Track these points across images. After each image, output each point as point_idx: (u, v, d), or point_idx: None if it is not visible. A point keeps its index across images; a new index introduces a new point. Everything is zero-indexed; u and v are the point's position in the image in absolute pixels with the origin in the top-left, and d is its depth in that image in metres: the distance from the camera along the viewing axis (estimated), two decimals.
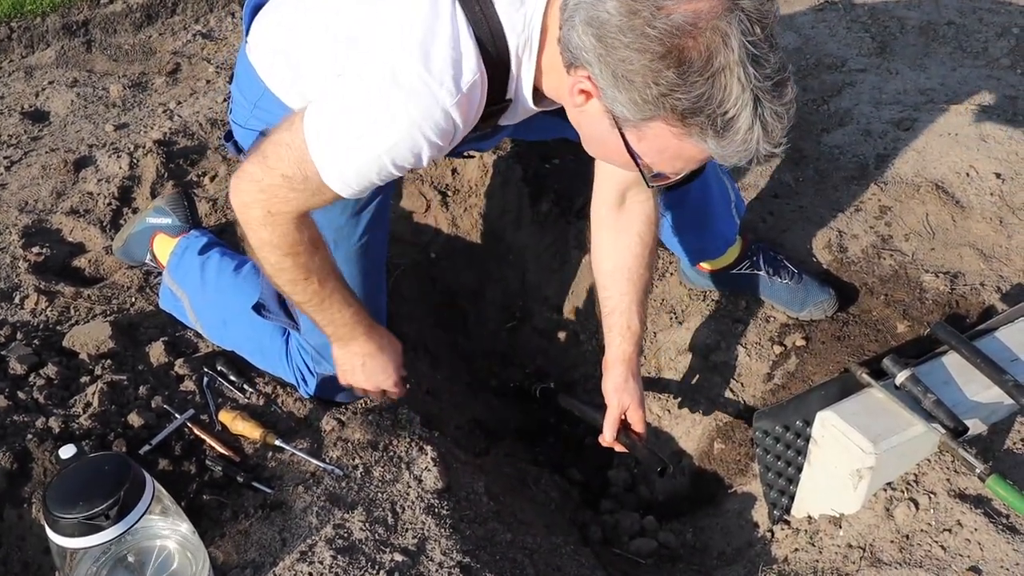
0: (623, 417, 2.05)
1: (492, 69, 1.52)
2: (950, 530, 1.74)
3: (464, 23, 1.48)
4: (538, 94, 1.62)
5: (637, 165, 1.50)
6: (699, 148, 1.40)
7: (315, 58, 1.72)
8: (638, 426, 2.05)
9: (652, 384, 2.45)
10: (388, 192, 2.01)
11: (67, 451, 1.56)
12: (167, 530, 1.61)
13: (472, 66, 1.48)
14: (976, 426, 1.85)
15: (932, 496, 1.80)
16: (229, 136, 2.00)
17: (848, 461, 1.81)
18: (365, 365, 1.94)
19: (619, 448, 2.07)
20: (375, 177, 1.58)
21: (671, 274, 2.56)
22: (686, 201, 2.16)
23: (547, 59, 1.54)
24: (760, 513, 2.11)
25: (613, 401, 2.03)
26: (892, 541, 1.77)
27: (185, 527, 1.61)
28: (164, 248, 2.35)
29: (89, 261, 2.52)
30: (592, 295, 2.61)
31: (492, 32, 1.50)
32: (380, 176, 1.58)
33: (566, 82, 1.49)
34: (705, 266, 2.44)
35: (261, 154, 1.62)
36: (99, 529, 1.45)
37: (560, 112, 1.65)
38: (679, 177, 1.55)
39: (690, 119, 1.34)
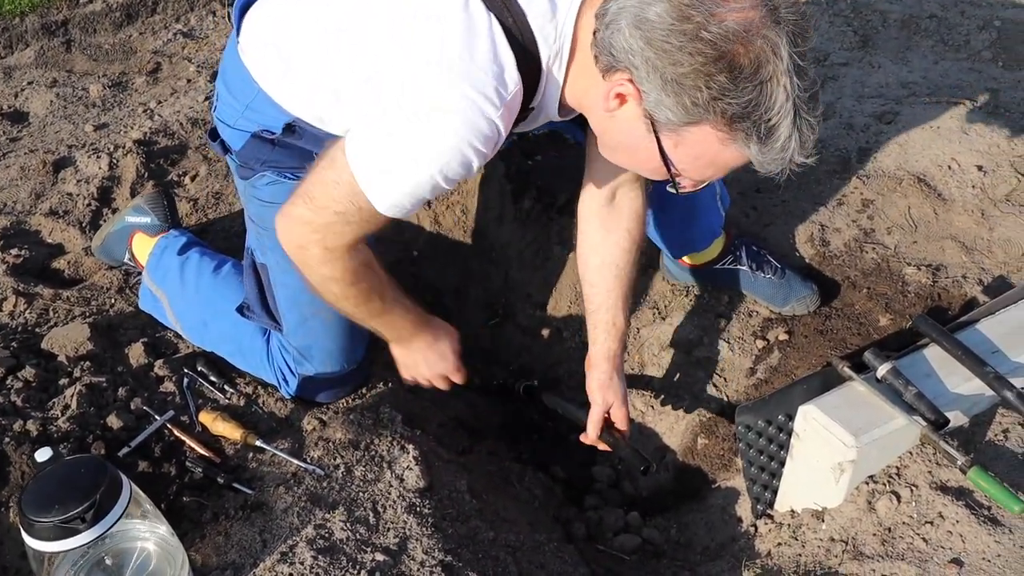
0: (607, 415, 2.04)
1: (525, 80, 1.54)
2: (932, 522, 1.74)
3: (501, 35, 1.49)
4: (561, 103, 1.64)
5: (669, 171, 1.53)
6: (738, 155, 1.44)
7: (306, 51, 1.71)
8: (622, 424, 2.05)
9: (635, 380, 2.45)
10: None
11: (43, 454, 1.54)
12: (146, 532, 1.59)
13: (513, 77, 1.51)
14: (957, 418, 1.85)
15: (914, 489, 1.80)
16: (214, 135, 1.98)
17: (830, 455, 1.81)
18: (427, 358, 2.01)
19: (602, 447, 2.07)
20: (428, 195, 1.60)
21: (654, 269, 2.55)
22: (672, 194, 2.16)
23: (575, 68, 1.57)
24: (744, 508, 2.11)
25: (597, 399, 2.02)
26: (874, 534, 1.77)
27: (164, 529, 1.60)
28: (143, 248, 2.33)
29: (68, 262, 2.50)
30: (575, 291, 2.60)
31: (525, 43, 1.52)
32: (432, 193, 1.60)
33: (600, 88, 1.51)
34: (688, 261, 2.44)
35: (306, 195, 1.65)
36: (75, 532, 1.44)
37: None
38: (703, 186, 1.60)
39: (737, 124, 1.39)
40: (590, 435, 2.05)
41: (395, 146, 1.54)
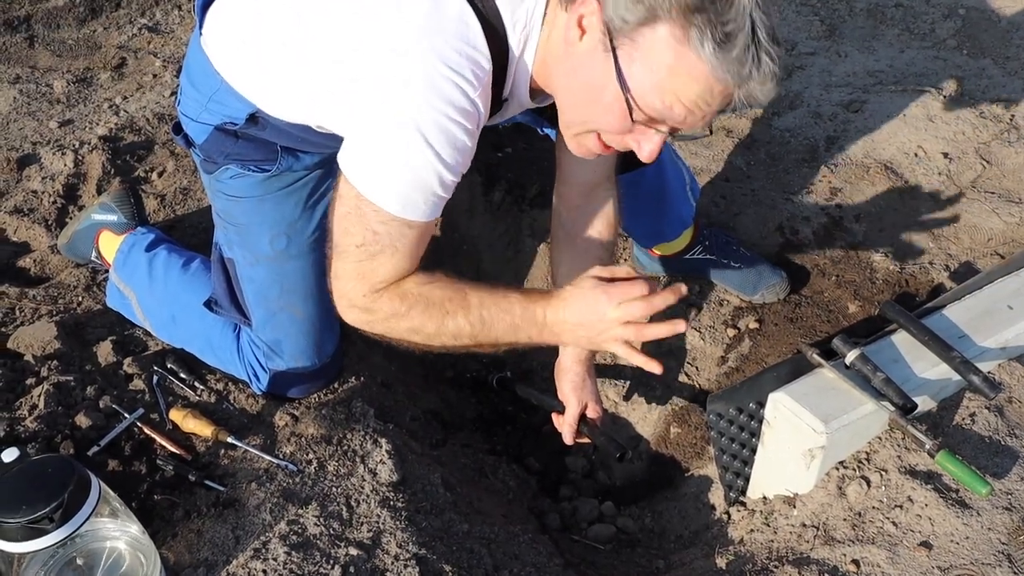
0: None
1: (495, 66, 1.52)
2: (901, 506, 1.76)
3: (474, 18, 1.48)
4: (533, 89, 1.62)
5: (624, 94, 1.44)
6: (694, 67, 1.37)
7: (273, 41, 1.69)
8: (591, 408, 2.05)
9: (608, 370, 2.46)
10: None
11: (9, 454, 1.52)
12: (116, 531, 1.58)
13: (486, 59, 1.49)
14: (925, 403, 1.88)
15: (883, 473, 1.82)
16: (178, 129, 1.96)
17: (800, 441, 1.82)
18: (591, 331, 1.62)
19: (582, 440, 2.07)
20: (438, 187, 1.53)
21: (625, 260, 2.56)
22: (642, 184, 2.17)
23: (543, 47, 1.55)
24: (716, 495, 2.13)
25: (572, 401, 2.02)
26: (845, 519, 1.79)
27: (135, 528, 1.59)
28: (110, 245, 2.31)
29: (34, 261, 2.47)
30: (546, 283, 2.60)
31: (495, 30, 1.51)
32: (442, 185, 1.53)
33: (562, 41, 1.49)
34: (658, 251, 2.45)
35: (334, 251, 1.60)
36: (43, 533, 1.42)
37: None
38: (660, 129, 1.49)
39: (692, 16, 1.34)
40: (567, 438, 2.04)
41: (387, 143, 1.50)
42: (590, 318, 1.59)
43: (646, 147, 1.52)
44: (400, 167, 1.51)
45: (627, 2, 1.37)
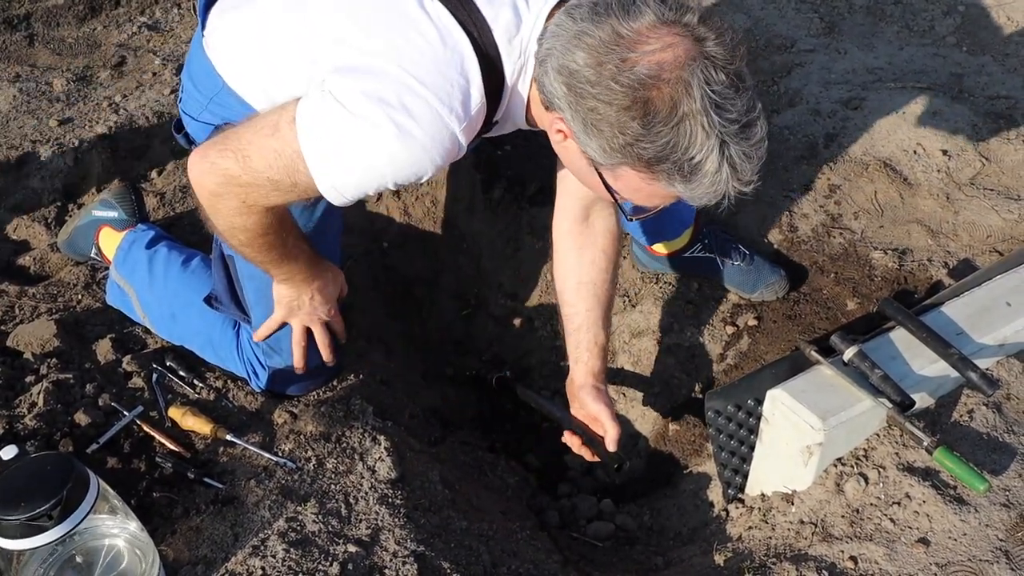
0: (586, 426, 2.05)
1: (489, 93, 1.55)
2: (899, 503, 1.76)
3: (470, 49, 1.51)
4: (528, 115, 1.66)
5: (615, 201, 1.56)
6: (670, 191, 1.45)
7: (275, 48, 1.70)
8: (612, 430, 2.03)
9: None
10: None
11: (8, 452, 1.53)
12: (115, 529, 1.58)
13: (479, 91, 1.52)
14: (923, 400, 1.88)
15: (881, 470, 1.82)
16: (179, 127, 1.96)
17: (798, 438, 1.82)
18: (313, 299, 1.94)
19: (591, 457, 2.05)
20: (371, 191, 1.59)
21: (624, 257, 2.56)
22: None
23: (536, 89, 1.58)
24: (715, 492, 2.13)
25: (601, 412, 1.99)
26: (843, 516, 1.79)
27: (134, 525, 1.59)
28: (110, 242, 2.31)
29: (34, 259, 2.47)
30: (546, 280, 2.61)
31: (491, 58, 1.53)
32: (377, 190, 1.59)
33: (547, 118, 1.55)
34: (658, 249, 2.45)
35: (240, 153, 1.59)
36: (42, 530, 1.43)
37: None
38: (658, 209, 1.60)
39: (656, 166, 1.40)
40: (613, 437, 2.01)
41: (353, 137, 1.51)
42: (296, 309, 1.96)
43: (652, 211, 1.63)
44: (352, 170, 1.53)
45: (596, 149, 1.43)
